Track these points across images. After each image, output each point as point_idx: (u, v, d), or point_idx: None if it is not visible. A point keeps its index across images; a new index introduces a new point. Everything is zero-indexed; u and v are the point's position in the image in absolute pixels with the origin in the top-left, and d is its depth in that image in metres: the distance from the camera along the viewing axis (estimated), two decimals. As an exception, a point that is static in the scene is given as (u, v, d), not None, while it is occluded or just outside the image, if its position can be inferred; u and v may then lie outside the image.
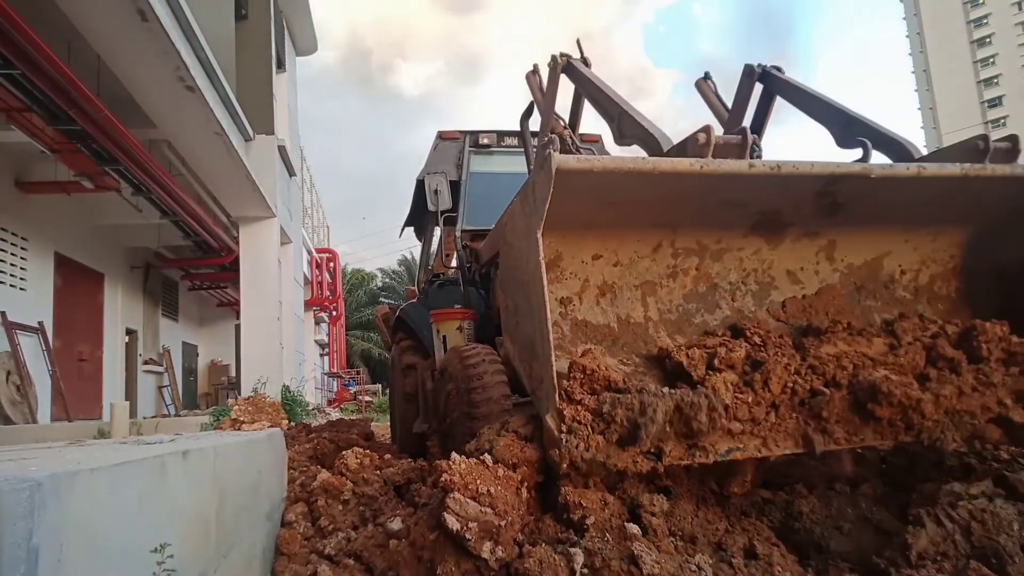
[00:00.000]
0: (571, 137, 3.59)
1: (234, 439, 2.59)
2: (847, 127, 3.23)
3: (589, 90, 3.53)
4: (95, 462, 1.52)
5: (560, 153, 2.15)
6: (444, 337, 4.19)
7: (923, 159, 2.95)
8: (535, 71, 4.21)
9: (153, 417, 11.94)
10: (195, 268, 15.89)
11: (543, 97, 3.96)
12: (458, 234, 5.04)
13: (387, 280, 41.51)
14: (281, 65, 13.25)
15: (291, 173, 13.13)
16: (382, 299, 37.59)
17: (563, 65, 3.70)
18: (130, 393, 13.73)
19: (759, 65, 3.71)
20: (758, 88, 3.69)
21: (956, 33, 68.92)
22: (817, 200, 2.65)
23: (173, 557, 1.64)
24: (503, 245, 2.73)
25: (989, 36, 67.81)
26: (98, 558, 1.42)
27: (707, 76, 4.18)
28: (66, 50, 7.18)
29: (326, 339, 25.24)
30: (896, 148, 3.06)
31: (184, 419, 10.25)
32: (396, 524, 2.61)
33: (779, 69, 3.68)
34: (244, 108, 9.81)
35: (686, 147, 2.52)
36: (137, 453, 1.78)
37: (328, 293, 22.03)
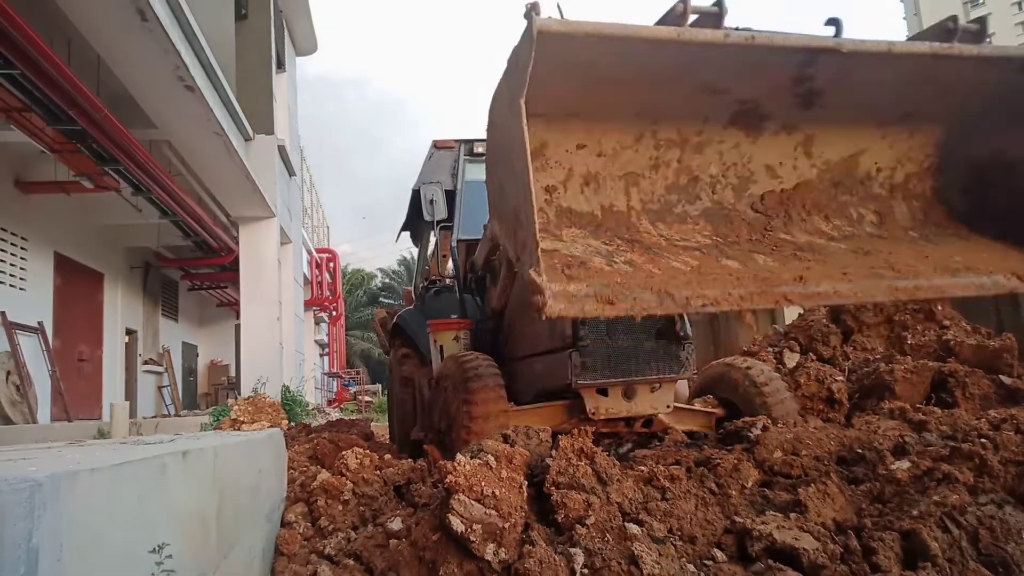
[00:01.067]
0: None
1: (234, 439, 2.59)
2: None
3: None
4: (95, 462, 1.52)
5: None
6: (441, 347, 4.24)
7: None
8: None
9: (153, 417, 11.94)
10: (195, 268, 15.89)
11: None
12: (454, 243, 5.08)
13: (387, 280, 41.53)
14: (281, 65, 13.25)
15: (291, 173, 13.12)
16: (382, 299, 37.61)
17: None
18: (130, 393, 13.73)
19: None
20: None
21: (956, 33, 68.98)
22: (793, 88, 2.72)
23: (172, 557, 1.63)
24: (489, 126, 2.66)
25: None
26: (98, 558, 1.42)
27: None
28: (66, 50, 7.18)
29: (326, 339, 25.25)
30: None
31: (184, 419, 10.25)
32: (396, 524, 2.61)
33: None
34: (244, 108, 9.81)
35: (665, 24, 2.52)
36: (137, 453, 1.77)
37: (328, 293, 22.02)
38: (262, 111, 11.04)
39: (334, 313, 24.61)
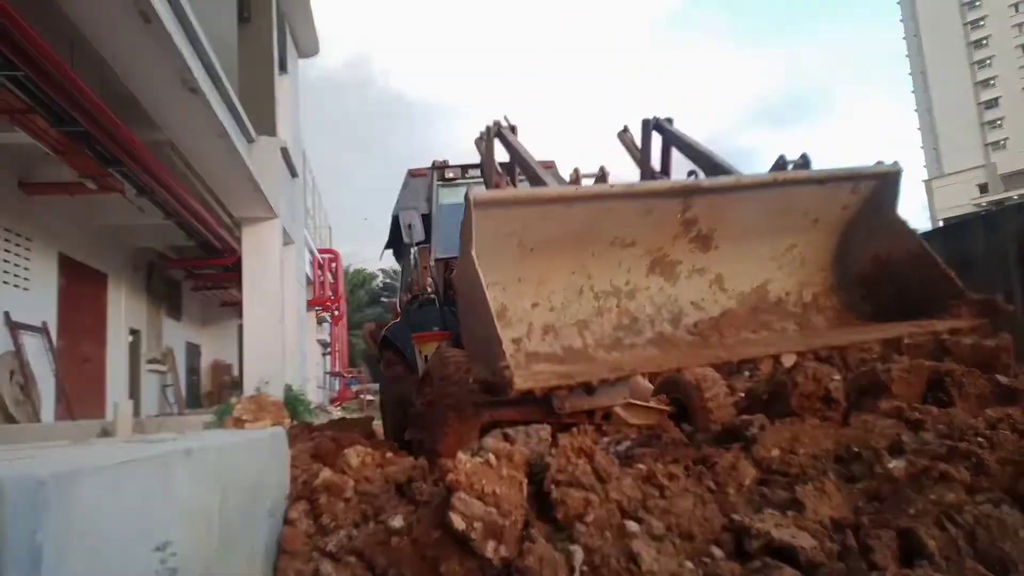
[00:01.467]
0: (508, 185, 4.37)
1: (237, 438, 2.61)
2: (713, 170, 3.77)
3: (513, 154, 4.23)
4: (98, 461, 1.54)
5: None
6: (425, 356, 4.62)
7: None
8: (481, 137, 4.69)
9: (156, 416, 11.98)
10: (198, 269, 15.92)
11: (486, 156, 4.55)
12: (432, 262, 5.53)
13: (388, 280, 41.55)
14: (283, 67, 13.27)
15: (293, 174, 13.14)
16: (383, 299, 37.62)
17: (495, 131, 4.34)
18: (133, 392, 13.77)
19: (654, 118, 4.39)
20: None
21: (953, 35, 68.69)
22: (686, 233, 3.35)
23: (176, 555, 1.65)
24: (457, 267, 3.49)
25: (986, 38, 67.57)
26: (101, 556, 1.43)
27: (626, 129, 4.83)
28: (69, 52, 7.21)
29: (328, 339, 25.27)
30: None
31: (187, 418, 10.29)
32: (398, 522, 2.63)
33: (670, 120, 4.35)
34: (246, 110, 9.83)
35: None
36: (140, 452, 1.79)
37: (330, 293, 22.03)
38: (264, 113, 11.06)
39: (336, 313, 24.59)
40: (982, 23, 67.70)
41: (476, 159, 5.09)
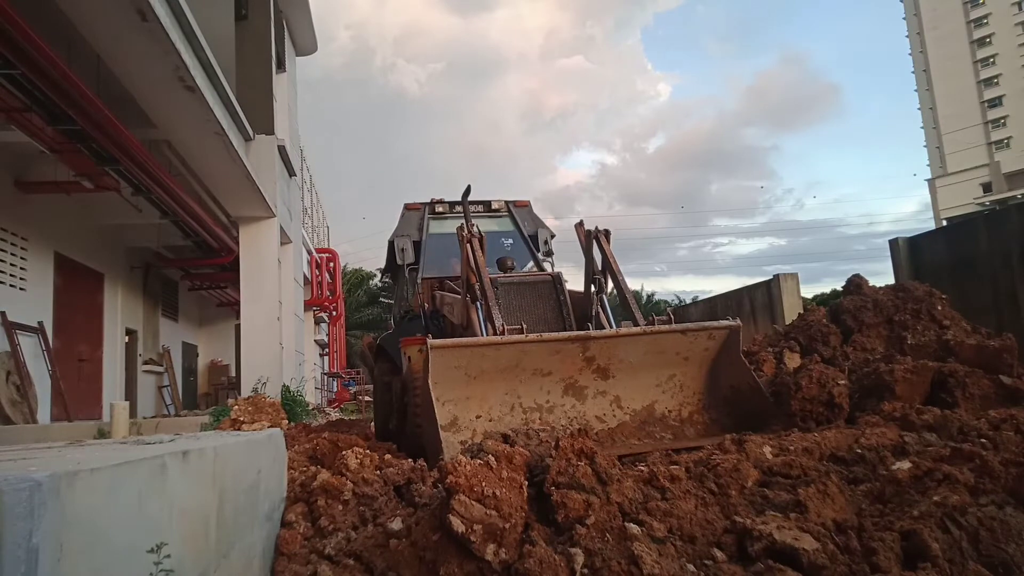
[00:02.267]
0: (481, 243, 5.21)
1: (234, 439, 2.59)
2: (624, 302, 5.27)
3: (470, 264, 5.06)
4: (95, 462, 1.52)
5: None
6: (409, 357, 5.26)
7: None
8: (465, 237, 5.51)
9: (153, 417, 11.94)
10: (195, 268, 15.87)
11: (464, 262, 5.23)
12: (419, 281, 6.64)
13: (387, 280, 41.41)
14: (281, 65, 13.24)
15: (291, 173, 13.11)
16: (382, 299, 37.58)
17: (467, 238, 5.17)
18: (130, 393, 13.72)
19: (595, 228, 5.48)
20: None
21: (956, 33, 68.80)
22: (589, 367, 4.58)
23: (172, 557, 1.63)
24: (419, 389, 4.63)
25: (989, 36, 67.70)
26: (98, 558, 1.42)
27: (582, 223, 5.76)
28: (66, 50, 7.17)
29: (326, 339, 25.23)
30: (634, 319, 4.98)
31: (184, 419, 10.25)
32: (396, 524, 2.61)
33: (607, 233, 5.47)
34: (244, 108, 9.80)
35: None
36: (137, 453, 1.77)
37: (328, 293, 21.99)
38: (262, 111, 11.02)
39: (334, 313, 24.57)
40: (985, 21, 67.79)
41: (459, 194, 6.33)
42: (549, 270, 6.56)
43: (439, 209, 7.19)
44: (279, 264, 11.55)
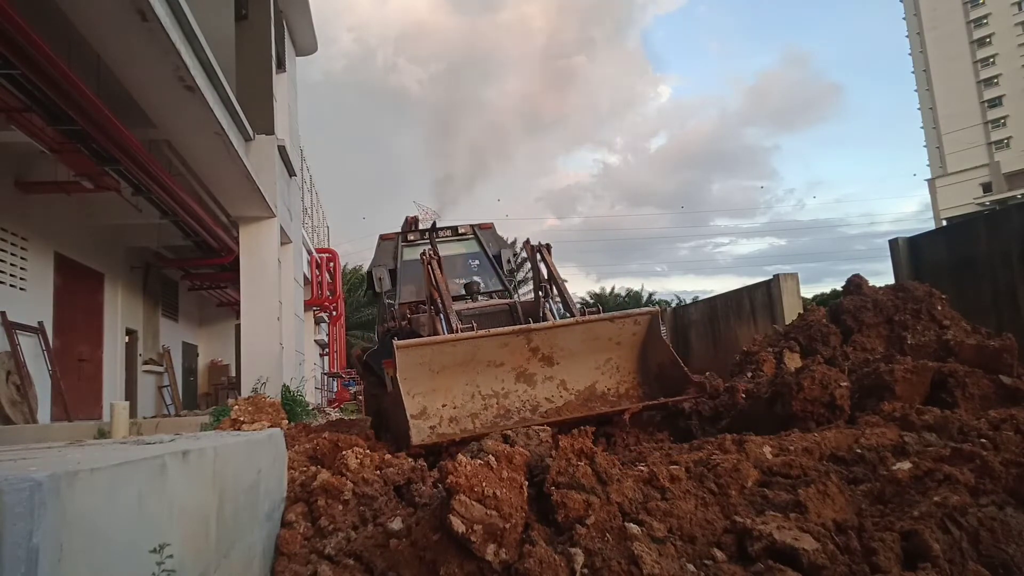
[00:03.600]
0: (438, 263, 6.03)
1: (234, 439, 2.59)
2: (566, 304, 6.02)
3: (432, 285, 5.89)
4: (95, 462, 1.52)
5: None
6: (392, 378, 5.82)
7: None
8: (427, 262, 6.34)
9: (153, 417, 11.93)
10: (195, 268, 15.85)
11: (427, 281, 6.08)
12: (396, 304, 7.46)
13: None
14: (281, 65, 13.23)
15: (291, 173, 13.11)
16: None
17: (427, 261, 6.00)
18: (130, 393, 13.72)
19: (538, 243, 6.34)
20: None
21: (956, 33, 68.79)
22: (535, 356, 5.35)
23: (173, 557, 1.63)
24: (391, 385, 5.32)
25: (989, 36, 67.69)
26: (98, 558, 1.42)
27: (528, 240, 6.58)
28: (66, 50, 7.17)
29: (326, 339, 25.21)
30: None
31: (184, 419, 10.24)
32: (396, 524, 2.60)
33: (548, 247, 6.33)
34: (244, 108, 9.79)
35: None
36: (137, 453, 1.77)
37: (328, 293, 21.96)
38: (262, 111, 11.01)
39: (334, 313, 24.54)
40: (985, 21, 67.77)
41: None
42: (509, 288, 7.71)
43: (411, 237, 8.14)
44: (279, 264, 11.54)
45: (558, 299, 6.28)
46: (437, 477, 2.66)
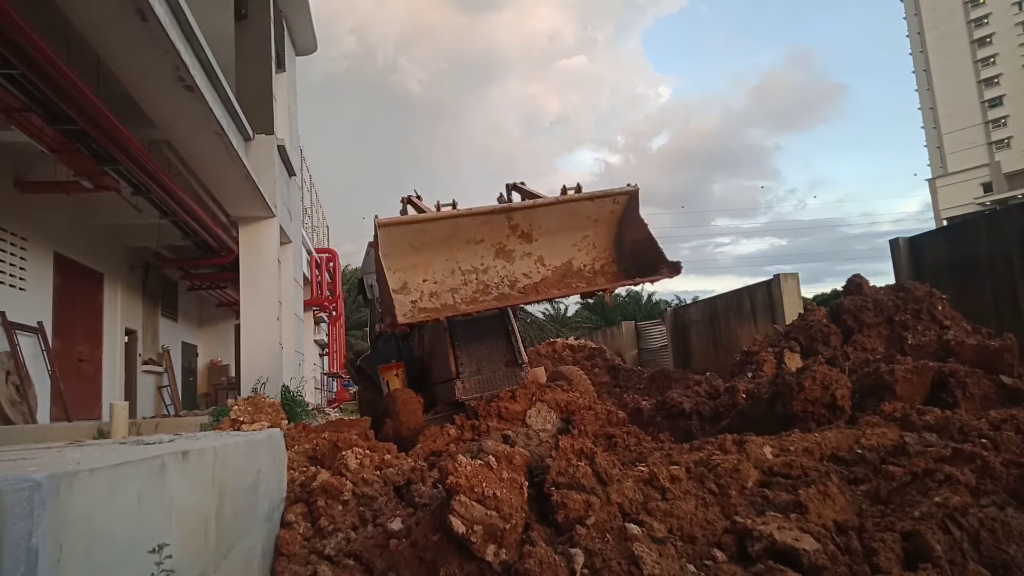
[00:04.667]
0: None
1: (234, 439, 2.58)
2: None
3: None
4: (94, 462, 1.52)
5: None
6: (387, 383, 6.31)
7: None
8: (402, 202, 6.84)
9: (153, 417, 11.92)
10: (195, 268, 15.84)
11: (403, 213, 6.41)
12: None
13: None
14: (281, 65, 13.22)
15: (291, 173, 13.10)
16: (382, 299, 37.48)
17: (407, 200, 6.52)
18: (129, 393, 13.71)
19: (514, 183, 6.34)
20: None
21: (956, 33, 68.81)
22: (514, 233, 5.44)
23: (172, 557, 1.63)
24: (375, 261, 5.27)
25: (989, 36, 67.70)
26: (97, 558, 1.42)
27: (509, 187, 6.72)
28: (66, 50, 7.16)
29: (326, 339, 25.20)
30: None
31: (184, 419, 10.23)
32: (396, 524, 2.60)
33: (523, 183, 6.29)
34: (244, 108, 9.79)
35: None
36: (136, 453, 1.77)
37: (328, 293, 21.96)
38: (262, 111, 11.00)
39: (334, 313, 24.53)
40: (985, 21, 67.78)
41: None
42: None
43: None
44: (279, 264, 11.53)
45: None
46: (437, 477, 2.66)
